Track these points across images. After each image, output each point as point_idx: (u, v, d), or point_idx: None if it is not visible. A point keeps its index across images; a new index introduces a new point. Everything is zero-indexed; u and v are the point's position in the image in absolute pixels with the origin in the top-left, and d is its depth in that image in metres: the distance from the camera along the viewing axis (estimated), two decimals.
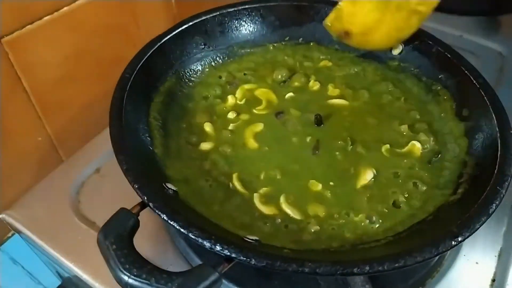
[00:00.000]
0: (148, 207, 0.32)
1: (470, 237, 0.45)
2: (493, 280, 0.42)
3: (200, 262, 0.41)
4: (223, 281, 0.40)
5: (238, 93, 0.49)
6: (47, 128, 0.56)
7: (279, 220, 0.37)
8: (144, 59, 0.44)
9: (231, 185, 0.39)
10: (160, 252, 0.45)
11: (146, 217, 0.38)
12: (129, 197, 0.33)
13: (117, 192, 0.43)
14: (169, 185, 0.37)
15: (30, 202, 0.49)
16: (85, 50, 0.56)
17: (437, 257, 0.43)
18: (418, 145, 0.43)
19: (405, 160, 0.42)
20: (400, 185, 0.40)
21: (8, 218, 0.48)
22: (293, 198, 0.38)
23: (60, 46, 0.53)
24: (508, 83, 0.63)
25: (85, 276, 0.43)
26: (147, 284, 0.27)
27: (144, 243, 0.45)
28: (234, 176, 0.40)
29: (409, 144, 0.43)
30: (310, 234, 0.36)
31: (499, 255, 0.44)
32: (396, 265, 0.29)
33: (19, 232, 0.49)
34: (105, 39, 0.59)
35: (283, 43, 0.55)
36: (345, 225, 0.37)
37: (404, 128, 0.45)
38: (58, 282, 0.61)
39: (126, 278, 0.27)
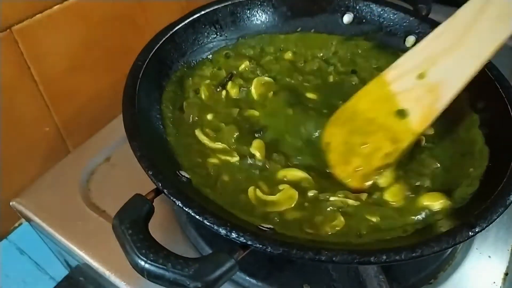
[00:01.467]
0: (162, 194, 0.32)
1: (482, 231, 0.45)
2: (506, 274, 0.42)
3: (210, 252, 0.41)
4: None
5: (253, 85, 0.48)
6: (55, 118, 0.56)
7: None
8: (156, 47, 0.44)
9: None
10: (170, 241, 0.45)
11: (156, 206, 0.38)
12: (140, 186, 0.33)
13: (127, 181, 0.43)
14: (183, 173, 0.36)
15: (40, 190, 0.49)
16: (94, 40, 0.56)
17: (449, 251, 0.43)
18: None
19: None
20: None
21: (18, 205, 0.48)
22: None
23: (69, 35, 0.53)
24: None
25: (95, 264, 0.43)
26: (164, 269, 0.27)
27: (154, 232, 0.44)
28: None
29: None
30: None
31: None
32: (414, 254, 0.29)
33: (29, 219, 0.49)
34: (114, 30, 0.59)
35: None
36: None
37: None
38: (65, 273, 0.61)
39: (142, 263, 0.27)
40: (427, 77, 0.39)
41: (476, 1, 0.37)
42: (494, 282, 0.41)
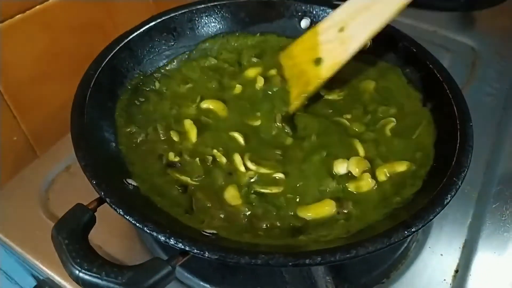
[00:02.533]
0: (105, 203, 0.33)
1: (435, 229, 0.46)
2: (456, 271, 0.43)
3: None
4: (188, 275, 0.41)
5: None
6: (22, 127, 0.56)
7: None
8: (110, 56, 0.45)
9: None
10: (129, 249, 0.45)
11: (114, 215, 0.38)
12: (96, 195, 0.33)
13: (85, 190, 0.43)
14: (130, 181, 0.37)
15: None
16: (60, 49, 0.56)
17: (401, 249, 0.44)
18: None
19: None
20: None
21: None
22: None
23: (33, 44, 0.53)
24: (480, 78, 0.64)
25: (55, 277, 0.43)
26: (98, 278, 0.27)
27: (114, 241, 0.45)
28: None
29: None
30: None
31: (463, 247, 0.45)
32: (348, 255, 0.30)
33: None
34: (81, 38, 0.59)
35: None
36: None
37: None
38: (34, 283, 0.61)
39: (77, 272, 0.27)
40: (345, 31, 0.45)
41: None
42: (445, 280, 0.42)
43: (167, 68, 0.50)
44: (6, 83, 0.51)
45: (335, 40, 0.46)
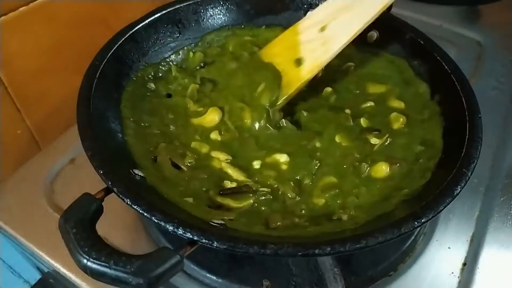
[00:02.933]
0: (112, 193, 0.32)
1: (443, 223, 0.46)
2: (464, 264, 0.43)
3: None
4: (195, 267, 0.40)
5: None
6: (26, 121, 0.56)
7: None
8: (115, 47, 0.44)
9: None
10: (134, 240, 0.45)
11: (120, 206, 0.38)
12: (102, 187, 0.33)
13: (91, 182, 0.43)
14: (136, 171, 0.37)
15: (4, 192, 0.49)
16: (64, 42, 0.56)
17: (408, 242, 0.44)
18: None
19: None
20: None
21: None
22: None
23: (37, 37, 0.53)
24: (486, 72, 0.63)
25: (61, 269, 0.43)
26: (106, 266, 0.27)
27: (119, 232, 0.45)
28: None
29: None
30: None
31: (471, 240, 0.45)
32: (358, 245, 0.30)
33: None
34: (84, 31, 0.58)
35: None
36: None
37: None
38: (39, 276, 0.61)
39: (85, 261, 0.27)
40: (326, 30, 0.44)
41: None
42: (453, 273, 0.42)
43: (172, 60, 0.50)
44: (10, 76, 0.51)
45: (316, 40, 0.45)
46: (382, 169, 0.39)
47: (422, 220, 0.31)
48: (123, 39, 0.45)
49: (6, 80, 0.51)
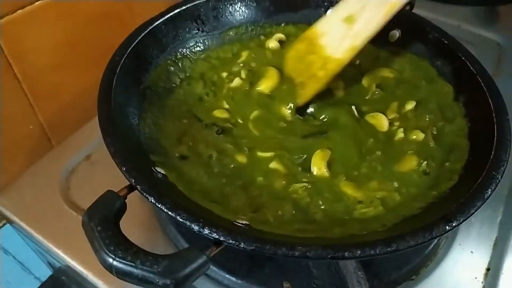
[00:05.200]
0: (135, 190, 0.32)
1: (465, 226, 0.45)
2: (488, 269, 0.42)
3: None
4: (214, 268, 0.40)
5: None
6: (39, 116, 0.55)
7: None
8: (135, 42, 0.44)
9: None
10: (150, 239, 0.44)
11: (135, 204, 0.37)
12: (120, 184, 0.33)
13: (107, 179, 0.42)
14: (158, 169, 0.36)
15: (19, 189, 0.48)
16: (78, 37, 0.55)
17: (431, 246, 0.43)
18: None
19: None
20: None
21: None
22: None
23: (52, 32, 0.52)
24: (506, 74, 0.62)
25: (74, 265, 0.42)
26: (133, 266, 0.26)
27: (134, 230, 0.44)
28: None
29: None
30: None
31: (494, 244, 0.44)
32: (389, 249, 0.29)
33: (8, 219, 0.48)
34: (99, 27, 0.58)
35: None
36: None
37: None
38: (49, 273, 0.60)
39: (110, 260, 0.27)
40: (353, 24, 0.44)
41: None
42: (476, 278, 0.41)
43: (191, 56, 0.49)
44: (24, 70, 0.50)
45: (342, 35, 0.45)
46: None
47: (454, 224, 0.31)
48: (143, 34, 0.45)
49: (20, 75, 0.50)
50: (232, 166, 0.39)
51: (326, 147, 0.40)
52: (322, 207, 0.36)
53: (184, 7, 0.49)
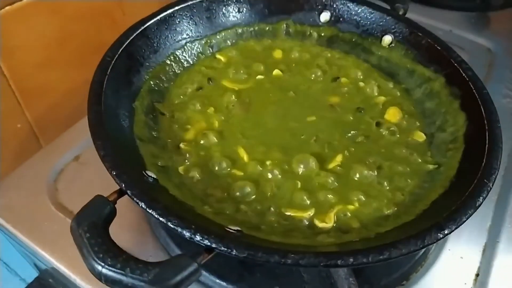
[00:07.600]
0: (126, 195, 0.31)
1: (455, 232, 0.45)
2: (477, 275, 0.42)
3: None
4: (205, 273, 0.39)
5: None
6: (27, 115, 0.54)
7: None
8: (127, 43, 0.43)
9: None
10: (140, 243, 0.44)
11: (125, 207, 0.36)
12: (109, 186, 0.32)
13: (96, 181, 0.42)
14: (149, 173, 0.35)
15: (5, 189, 0.47)
16: (68, 35, 0.55)
17: (421, 252, 0.43)
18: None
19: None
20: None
21: None
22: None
23: (41, 29, 0.51)
24: (497, 79, 0.63)
25: (61, 268, 0.42)
26: (122, 274, 0.26)
27: (124, 234, 0.44)
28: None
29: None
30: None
31: (484, 250, 0.44)
32: (381, 257, 0.29)
33: None
34: (89, 25, 0.57)
35: None
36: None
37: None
38: (35, 274, 0.59)
39: (99, 267, 0.26)
40: None
41: None
42: (465, 283, 0.41)
43: (183, 57, 0.49)
44: (12, 67, 0.50)
45: None
46: None
47: (446, 232, 0.31)
48: (134, 34, 0.44)
49: (7, 72, 0.49)
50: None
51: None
52: None
53: (177, 7, 0.48)
